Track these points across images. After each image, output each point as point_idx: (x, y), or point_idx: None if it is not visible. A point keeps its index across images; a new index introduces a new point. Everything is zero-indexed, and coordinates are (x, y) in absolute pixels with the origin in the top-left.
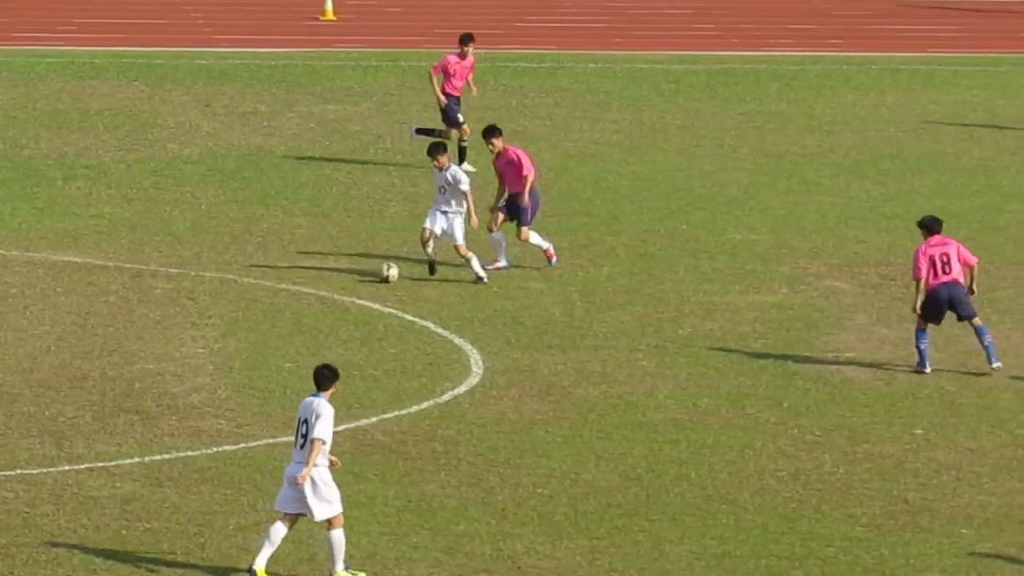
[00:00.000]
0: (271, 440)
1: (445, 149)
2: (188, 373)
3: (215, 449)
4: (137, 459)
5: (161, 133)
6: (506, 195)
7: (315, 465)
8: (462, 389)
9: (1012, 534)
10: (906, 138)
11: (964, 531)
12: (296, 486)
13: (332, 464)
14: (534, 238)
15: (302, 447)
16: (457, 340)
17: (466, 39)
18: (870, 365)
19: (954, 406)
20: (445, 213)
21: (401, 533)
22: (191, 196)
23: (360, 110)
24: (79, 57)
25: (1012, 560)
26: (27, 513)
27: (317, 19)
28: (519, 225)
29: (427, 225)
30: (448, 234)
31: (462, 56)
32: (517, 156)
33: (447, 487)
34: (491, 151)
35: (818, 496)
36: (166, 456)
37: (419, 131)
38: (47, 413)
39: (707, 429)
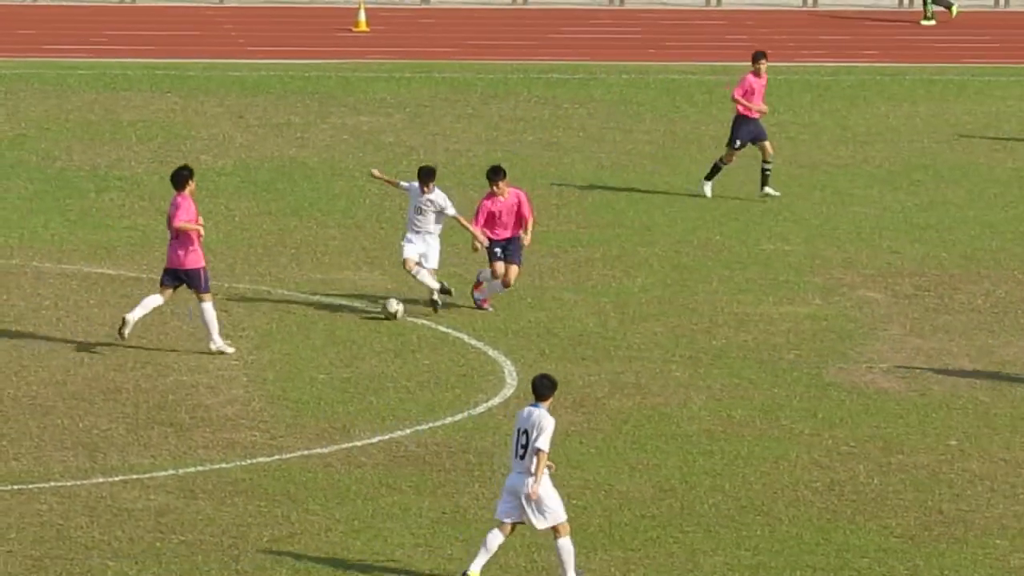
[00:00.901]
0: (305, 452)
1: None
2: (222, 385)
3: (249, 461)
4: (171, 471)
5: (194, 145)
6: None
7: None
8: (496, 401)
9: None
10: (940, 149)
11: (998, 542)
12: (520, 497)
13: (549, 469)
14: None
15: (522, 457)
16: (491, 352)
17: (759, 56)
18: (904, 376)
19: (988, 416)
20: (424, 236)
21: (435, 545)
22: (224, 208)
23: (393, 121)
24: (111, 69)
25: None
26: (61, 525)
27: (350, 30)
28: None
29: (408, 255)
30: (424, 256)
31: (757, 73)
32: (519, 200)
33: (481, 499)
34: (495, 192)
35: (852, 507)
36: (200, 468)
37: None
38: (81, 425)
39: (741, 440)
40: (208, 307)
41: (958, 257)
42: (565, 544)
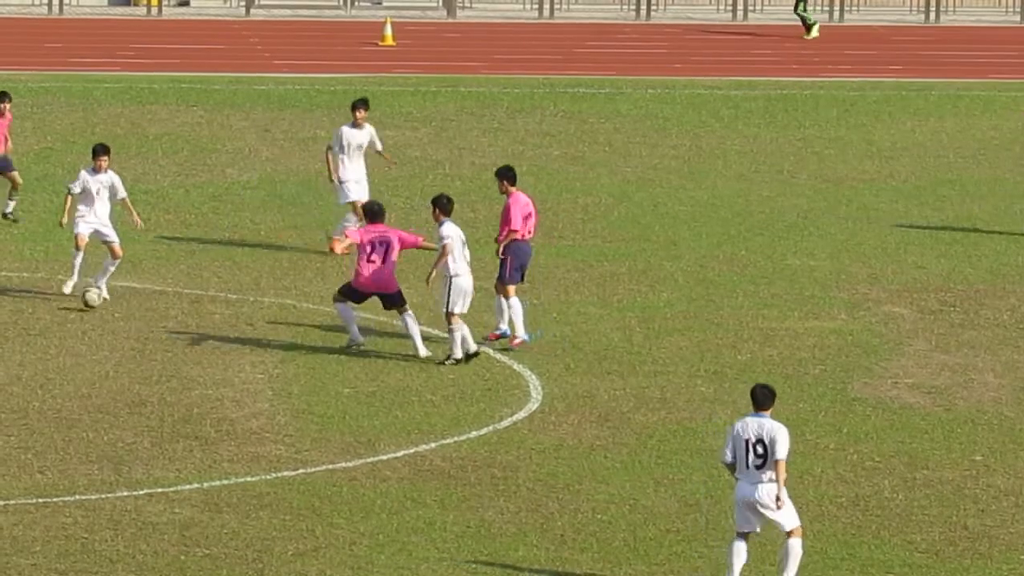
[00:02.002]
0: (330, 466)
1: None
2: (247, 399)
3: (274, 475)
4: (196, 485)
5: (220, 158)
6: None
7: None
8: (521, 415)
9: None
10: (965, 164)
11: (1023, 557)
12: (757, 506)
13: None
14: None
15: (759, 467)
16: (516, 366)
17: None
18: (929, 391)
19: (1014, 432)
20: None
21: (460, 559)
22: (250, 222)
23: (419, 135)
24: (137, 82)
25: None
26: (85, 539)
27: (376, 45)
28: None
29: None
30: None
31: None
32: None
33: (506, 513)
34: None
35: (877, 522)
36: (225, 482)
37: None
38: (105, 439)
39: None
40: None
41: (984, 272)
42: (796, 544)
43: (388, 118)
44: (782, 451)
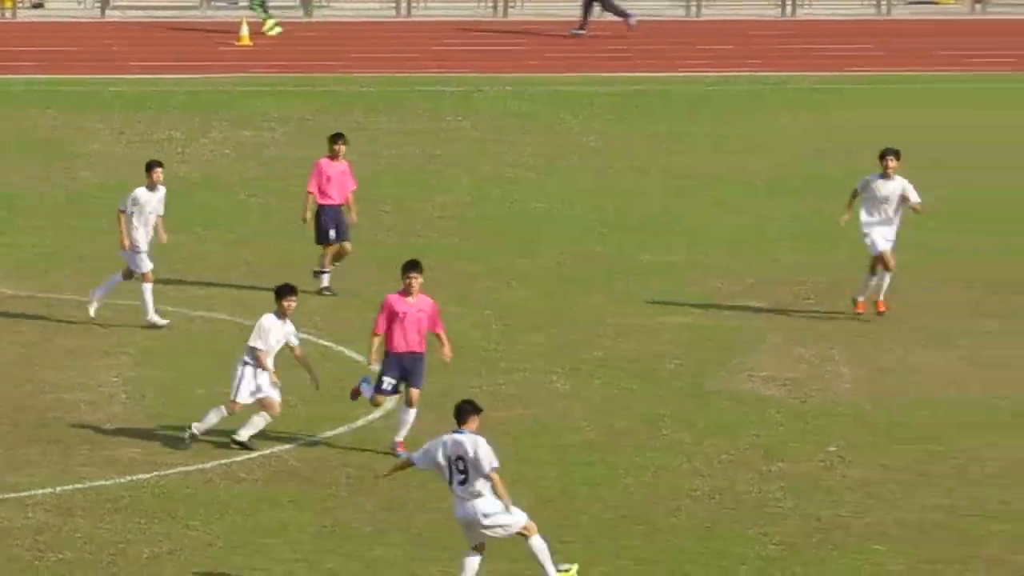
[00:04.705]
0: (185, 468)
1: None
2: (102, 402)
3: (128, 478)
4: (49, 489)
5: (75, 161)
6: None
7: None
8: (376, 414)
9: (926, 550)
10: (819, 157)
11: (877, 547)
12: (477, 523)
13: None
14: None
15: (462, 483)
16: (373, 366)
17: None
18: (784, 384)
19: (868, 423)
20: None
21: (316, 560)
22: (105, 224)
23: (276, 136)
24: None
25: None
26: None
27: (232, 45)
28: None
29: None
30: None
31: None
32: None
33: (363, 512)
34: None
35: (732, 515)
36: (79, 486)
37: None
38: None
39: (621, 450)
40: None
41: (838, 265)
42: (538, 542)
43: (245, 118)
44: (486, 463)
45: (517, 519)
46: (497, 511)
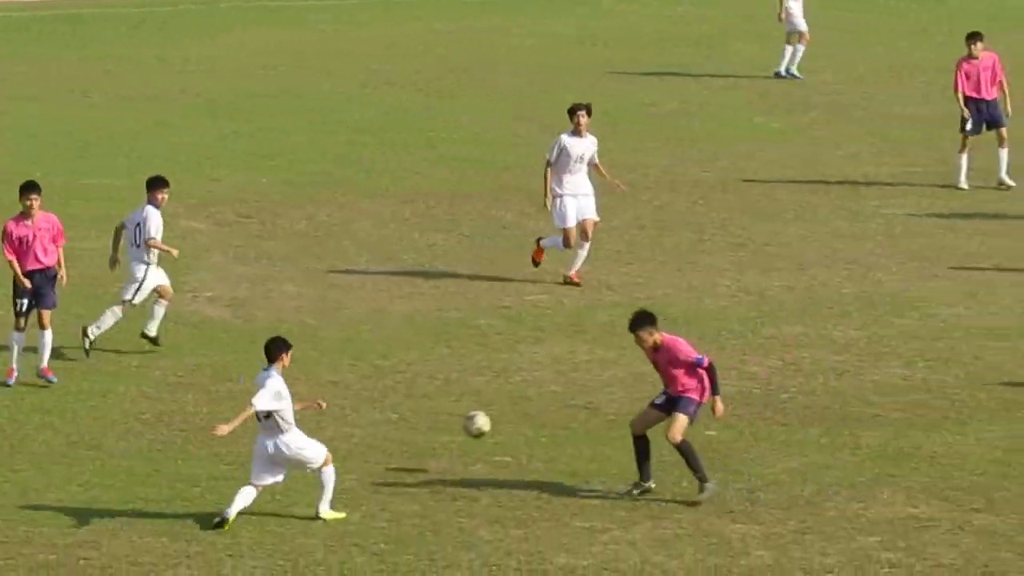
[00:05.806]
0: None
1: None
2: None
3: None
4: None
5: None
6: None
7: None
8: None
9: (374, 464)
10: (261, 75)
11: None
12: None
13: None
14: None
15: (267, 417)
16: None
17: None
18: (229, 304)
19: (316, 339)
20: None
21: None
22: None
23: None
24: None
25: (381, 485)
26: None
27: None
28: None
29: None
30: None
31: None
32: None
33: None
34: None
35: (183, 437)
36: None
37: None
38: None
39: (71, 375)
40: None
41: (280, 183)
42: (328, 472)
43: None
44: (255, 398)
45: None
46: None
